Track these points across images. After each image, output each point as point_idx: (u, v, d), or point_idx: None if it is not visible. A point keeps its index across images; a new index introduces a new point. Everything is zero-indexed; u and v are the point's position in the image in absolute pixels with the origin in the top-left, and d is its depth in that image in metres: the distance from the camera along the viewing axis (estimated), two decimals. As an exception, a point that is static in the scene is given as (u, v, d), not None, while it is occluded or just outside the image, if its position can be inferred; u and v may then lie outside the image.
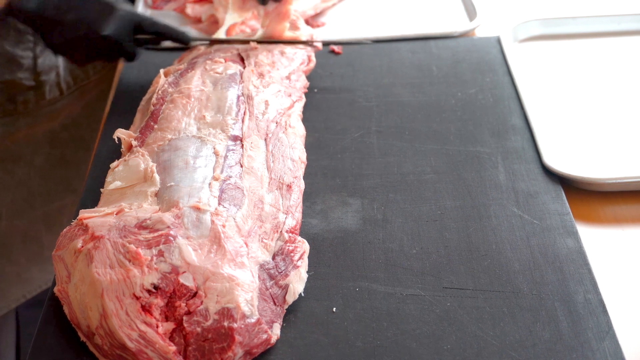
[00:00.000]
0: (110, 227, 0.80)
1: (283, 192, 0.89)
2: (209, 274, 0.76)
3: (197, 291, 0.76)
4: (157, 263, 0.77)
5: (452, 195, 0.94)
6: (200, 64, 1.06)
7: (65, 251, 0.81)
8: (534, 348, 0.76)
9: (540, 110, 1.10)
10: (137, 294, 0.75)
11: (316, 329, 0.79)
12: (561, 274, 0.83)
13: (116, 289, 0.75)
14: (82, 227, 0.82)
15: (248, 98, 0.99)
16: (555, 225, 0.89)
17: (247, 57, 1.09)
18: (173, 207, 0.82)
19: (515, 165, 0.98)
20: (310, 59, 1.15)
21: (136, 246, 0.77)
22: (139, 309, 0.74)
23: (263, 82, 1.03)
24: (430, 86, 1.15)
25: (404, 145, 1.03)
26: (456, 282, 0.83)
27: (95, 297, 0.75)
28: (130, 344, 0.73)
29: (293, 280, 0.81)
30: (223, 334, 0.74)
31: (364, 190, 0.96)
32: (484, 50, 1.23)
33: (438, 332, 0.78)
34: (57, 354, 0.77)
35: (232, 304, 0.75)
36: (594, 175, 0.96)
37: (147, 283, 0.75)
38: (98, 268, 0.76)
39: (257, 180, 0.88)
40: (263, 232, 0.83)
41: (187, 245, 0.78)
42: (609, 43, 1.27)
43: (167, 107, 0.98)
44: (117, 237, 0.79)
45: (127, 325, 0.73)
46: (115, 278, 0.75)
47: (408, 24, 1.32)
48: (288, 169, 0.92)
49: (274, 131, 0.96)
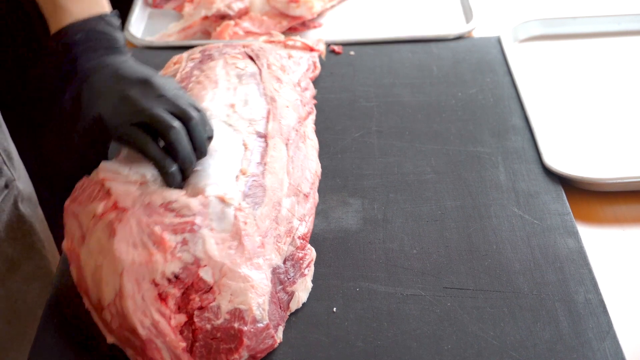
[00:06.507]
0: (134, 200, 0.77)
1: (299, 199, 0.89)
2: (226, 271, 0.76)
3: (212, 287, 0.75)
4: (180, 252, 0.75)
5: (453, 195, 0.94)
6: (217, 56, 1.04)
7: (82, 209, 0.78)
8: (534, 348, 0.76)
9: (540, 110, 1.10)
10: (157, 280, 0.73)
11: (317, 329, 0.79)
12: (562, 274, 0.83)
13: (137, 271, 0.73)
14: (104, 190, 0.79)
15: (272, 100, 0.98)
16: (556, 225, 0.89)
17: (257, 57, 1.07)
18: (199, 193, 0.80)
19: (516, 166, 0.98)
20: (315, 65, 1.15)
21: (161, 229, 0.76)
22: (156, 297, 0.73)
23: (281, 86, 1.03)
24: (430, 86, 1.15)
25: (404, 145, 1.03)
26: (457, 282, 0.83)
27: (113, 274, 0.73)
28: (142, 330, 0.72)
29: (299, 288, 0.81)
30: (232, 335, 0.73)
31: (364, 190, 0.96)
32: (484, 50, 1.23)
33: (438, 332, 0.77)
34: (57, 354, 0.77)
35: (244, 306, 0.75)
36: (594, 175, 0.96)
37: (169, 271, 0.74)
38: (121, 245, 0.74)
39: (277, 182, 0.88)
40: (277, 235, 0.83)
41: (211, 238, 0.77)
42: (609, 43, 1.27)
43: (195, 86, 0.96)
44: (142, 215, 0.77)
45: (142, 311, 0.72)
46: (137, 260, 0.74)
47: (405, 25, 1.32)
48: (305, 179, 0.91)
49: (294, 139, 0.95)
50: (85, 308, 0.79)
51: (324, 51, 1.19)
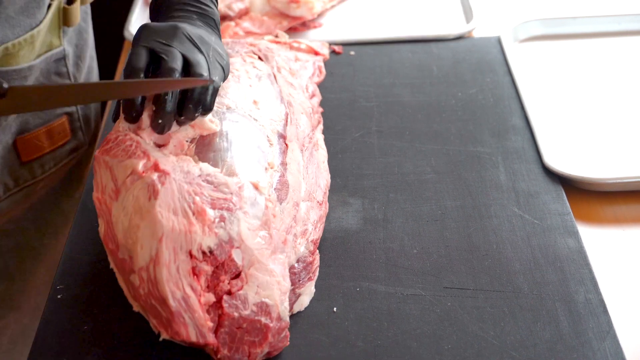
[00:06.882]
0: (174, 166, 0.76)
1: (314, 205, 0.89)
2: (255, 261, 0.75)
3: (241, 273, 0.75)
4: (217, 227, 0.75)
5: (453, 195, 0.94)
6: (232, 53, 1.03)
7: (116, 162, 0.77)
8: (534, 348, 0.76)
9: (540, 110, 1.10)
10: (194, 252, 0.73)
11: (317, 328, 0.79)
12: (562, 274, 0.83)
13: (175, 239, 0.72)
14: (140, 148, 0.77)
15: (289, 104, 0.98)
16: (556, 225, 0.89)
17: (266, 58, 1.06)
18: (234, 175, 0.80)
19: (516, 166, 0.98)
20: (321, 70, 1.15)
21: (201, 201, 0.75)
22: (190, 270, 0.72)
23: (294, 91, 1.02)
24: (430, 86, 1.15)
25: (405, 145, 1.03)
26: (457, 282, 0.83)
27: (151, 238, 0.72)
28: (173, 302, 0.70)
29: (305, 291, 0.81)
30: (258, 328, 0.73)
31: (364, 190, 0.96)
32: (485, 50, 1.23)
33: (439, 332, 0.77)
34: (57, 353, 0.77)
35: (271, 301, 0.75)
36: (594, 175, 0.96)
37: (205, 245, 0.73)
38: (162, 209, 0.73)
39: (297, 183, 0.88)
40: (294, 234, 0.83)
41: (245, 222, 0.76)
42: (609, 43, 1.27)
43: None
44: (183, 181, 0.75)
45: (174, 282, 0.71)
46: (177, 228, 0.72)
47: (405, 25, 1.32)
48: (319, 187, 0.92)
49: (308, 146, 0.95)
50: (85, 306, 0.79)
51: (327, 55, 1.19)
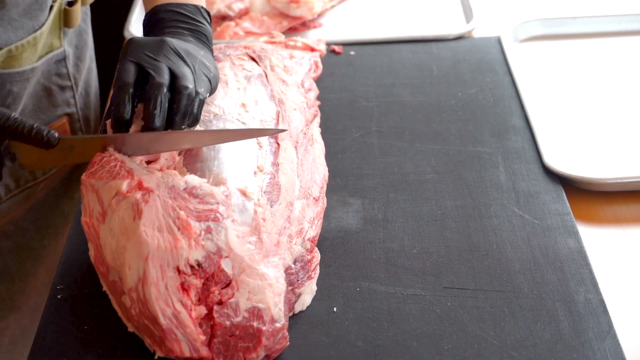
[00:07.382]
0: (158, 182, 0.76)
1: (309, 202, 0.88)
2: (245, 267, 0.75)
3: (231, 281, 0.75)
4: (204, 240, 0.75)
5: (453, 195, 0.94)
6: (221, 57, 1.04)
7: (102, 184, 0.77)
8: (534, 348, 0.76)
9: (540, 110, 1.10)
10: (181, 267, 0.73)
11: (317, 328, 0.79)
12: (562, 274, 0.83)
13: (162, 257, 0.72)
14: (125, 167, 0.77)
15: (280, 102, 0.98)
16: (556, 225, 0.89)
17: (260, 58, 1.07)
18: (221, 184, 0.80)
19: (516, 165, 0.98)
20: (317, 65, 1.15)
21: (186, 214, 0.75)
22: (179, 286, 0.72)
23: (287, 88, 1.03)
24: (430, 86, 1.15)
25: (405, 145, 1.03)
26: (457, 282, 0.83)
27: (138, 258, 0.72)
28: (163, 320, 0.71)
29: (306, 290, 0.81)
30: (251, 334, 0.73)
31: (364, 190, 0.96)
32: (485, 50, 1.23)
33: (439, 332, 0.77)
34: (57, 353, 0.77)
35: (263, 305, 0.74)
36: (594, 175, 0.96)
37: (192, 258, 0.73)
38: (147, 227, 0.73)
39: (290, 182, 0.88)
40: (289, 234, 0.83)
41: (233, 230, 0.76)
42: (609, 43, 1.27)
43: None
44: (167, 197, 0.75)
45: (164, 300, 0.71)
46: (163, 245, 0.72)
47: (405, 25, 1.32)
48: (315, 183, 0.91)
49: (302, 142, 0.95)
50: (85, 306, 0.79)
51: (324, 51, 1.19)
